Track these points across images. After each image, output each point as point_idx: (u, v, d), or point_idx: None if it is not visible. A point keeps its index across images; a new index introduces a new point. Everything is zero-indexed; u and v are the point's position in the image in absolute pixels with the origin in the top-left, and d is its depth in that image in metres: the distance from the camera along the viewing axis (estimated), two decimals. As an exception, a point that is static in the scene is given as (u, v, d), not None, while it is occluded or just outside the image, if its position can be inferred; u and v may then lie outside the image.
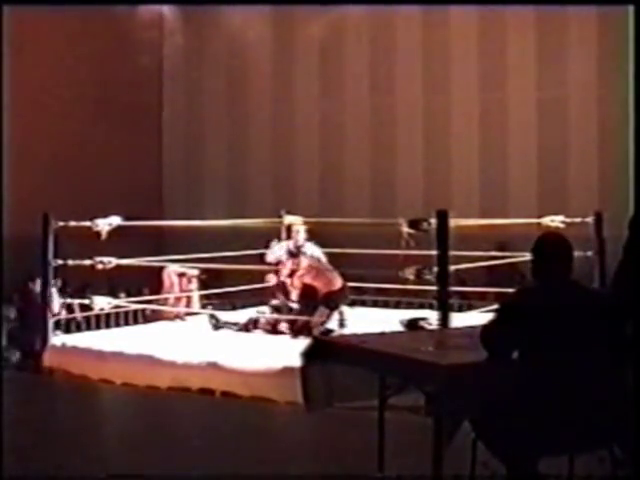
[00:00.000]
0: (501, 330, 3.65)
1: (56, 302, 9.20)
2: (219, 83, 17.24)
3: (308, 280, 9.07)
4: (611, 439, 3.57)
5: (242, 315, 9.64)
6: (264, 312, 9.65)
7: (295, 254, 9.34)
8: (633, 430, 3.46)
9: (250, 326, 9.18)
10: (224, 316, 9.60)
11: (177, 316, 10.05)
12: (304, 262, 9.19)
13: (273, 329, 9.04)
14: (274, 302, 9.68)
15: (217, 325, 9.29)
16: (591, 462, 3.81)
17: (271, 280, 9.75)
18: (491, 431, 3.60)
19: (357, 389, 4.26)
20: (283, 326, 9.01)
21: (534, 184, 14.29)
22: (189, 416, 6.70)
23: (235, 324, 9.29)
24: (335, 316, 8.92)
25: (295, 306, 9.20)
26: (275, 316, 9.31)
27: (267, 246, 9.71)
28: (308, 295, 8.99)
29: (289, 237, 9.81)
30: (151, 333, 9.19)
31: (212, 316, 9.46)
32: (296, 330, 8.69)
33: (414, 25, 15.53)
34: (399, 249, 8.40)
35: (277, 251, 9.58)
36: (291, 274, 9.25)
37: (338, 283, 9.03)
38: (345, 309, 9.17)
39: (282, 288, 9.49)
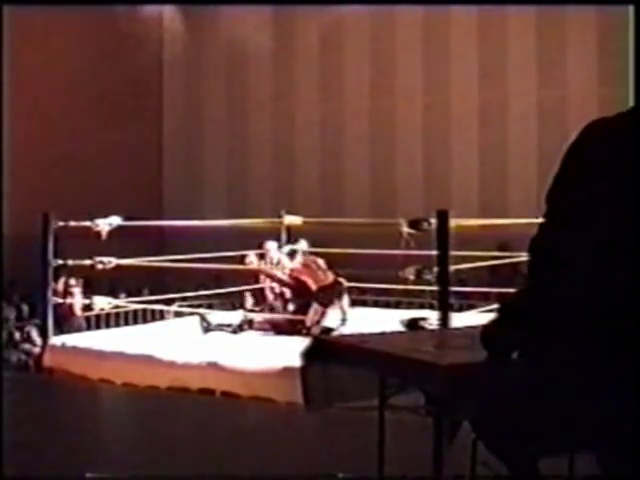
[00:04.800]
0: (501, 330, 3.64)
1: (78, 302, 9.35)
2: (219, 83, 17.25)
3: (298, 274, 9.07)
4: (611, 439, 3.57)
5: (234, 316, 9.44)
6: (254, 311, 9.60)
7: (290, 255, 9.34)
8: (633, 430, 3.46)
9: (245, 326, 9.13)
10: (215, 318, 9.34)
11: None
12: (297, 260, 9.21)
13: (270, 328, 9.01)
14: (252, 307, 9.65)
15: (208, 328, 9.01)
16: (591, 462, 3.81)
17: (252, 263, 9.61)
18: (491, 431, 3.60)
19: (357, 389, 4.26)
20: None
21: (534, 184, 14.28)
22: (189, 416, 6.70)
23: (228, 326, 9.09)
24: (338, 315, 8.91)
25: (291, 307, 9.19)
26: (270, 316, 9.28)
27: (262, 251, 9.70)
28: (300, 291, 8.99)
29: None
30: (151, 333, 9.18)
31: (203, 318, 9.14)
32: (294, 329, 8.68)
33: (414, 25, 15.53)
34: (399, 249, 8.40)
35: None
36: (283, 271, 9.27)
37: (329, 279, 9.02)
38: (346, 307, 9.15)
39: (277, 288, 9.50)
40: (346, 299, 9.24)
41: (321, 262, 9.25)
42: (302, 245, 9.71)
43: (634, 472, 2.53)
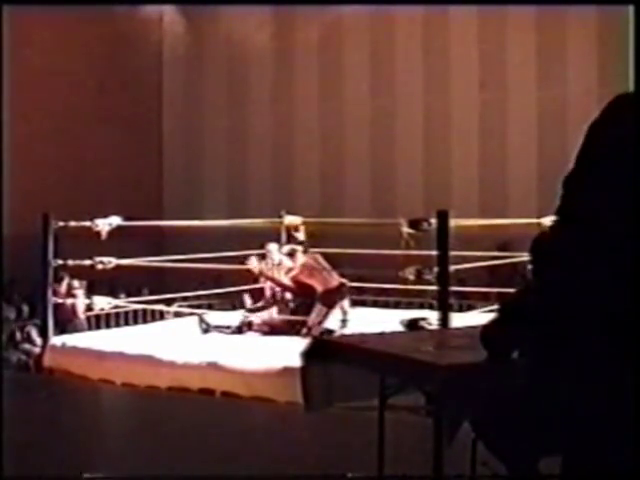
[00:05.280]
0: (501, 330, 3.64)
1: (81, 304, 9.41)
2: (219, 83, 17.25)
3: (303, 278, 9.05)
4: (611, 439, 3.56)
5: (233, 317, 9.42)
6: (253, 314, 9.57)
7: (291, 254, 9.32)
8: (633, 430, 3.46)
9: (244, 328, 9.12)
10: (214, 319, 9.32)
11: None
12: (299, 261, 9.18)
13: (270, 330, 8.98)
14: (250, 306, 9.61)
15: (207, 329, 9.01)
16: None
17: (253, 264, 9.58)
18: (491, 431, 3.60)
19: (357, 389, 4.25)
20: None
21: (534, 184, 14.29)
22: (189, 416, 6.69)
23: (227, 327, 9.08)
24: (338, 315, 8.90)
25: (291, 305, 9.17)
26: (270, 317, 9.26)
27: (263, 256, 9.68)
28: (304, 294, 8.97)
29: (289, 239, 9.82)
30: (151, 333, 9.18)
31: (201, 319, 9.14)
32: (294, 330, 8.66)
33: (414, 25, 15.53)
34: (399, 249, 8.40)
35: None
36: (287, 273, 9.23)
37: (334, 281, 9.01)
38: (348, 308, 9.14)
39: (279, 288, 9.47)
40: (347, 300, 9.23)
41: (322, 260, 9.22)
42: (299, 237, 9.62)
43: (634, 472, 2.53)
